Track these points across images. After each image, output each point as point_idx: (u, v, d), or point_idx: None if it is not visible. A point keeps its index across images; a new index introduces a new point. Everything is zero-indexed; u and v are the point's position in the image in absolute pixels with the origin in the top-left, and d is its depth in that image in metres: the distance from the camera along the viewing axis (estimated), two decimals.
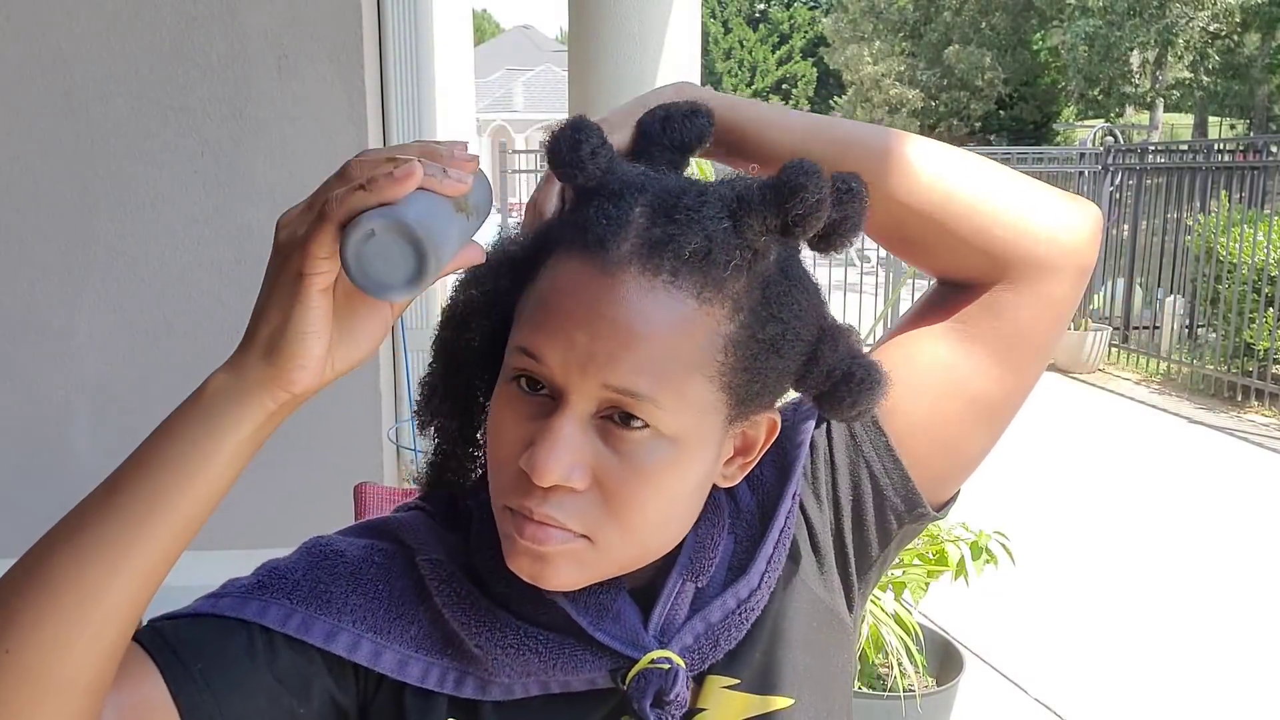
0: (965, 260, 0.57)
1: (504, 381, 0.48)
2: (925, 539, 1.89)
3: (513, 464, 0.46)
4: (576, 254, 0.46)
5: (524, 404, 0.47)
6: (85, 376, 1.91)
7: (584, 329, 0.44)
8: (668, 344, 0.44)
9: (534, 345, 0.46)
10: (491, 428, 0.48)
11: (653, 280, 0.45)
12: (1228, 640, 2.81)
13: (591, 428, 0.45)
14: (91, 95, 1.84)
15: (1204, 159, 6.16)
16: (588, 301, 0.45)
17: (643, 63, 1.90)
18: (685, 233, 0.45)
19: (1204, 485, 4.22)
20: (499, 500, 0.48)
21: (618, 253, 0.45)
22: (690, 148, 0.53)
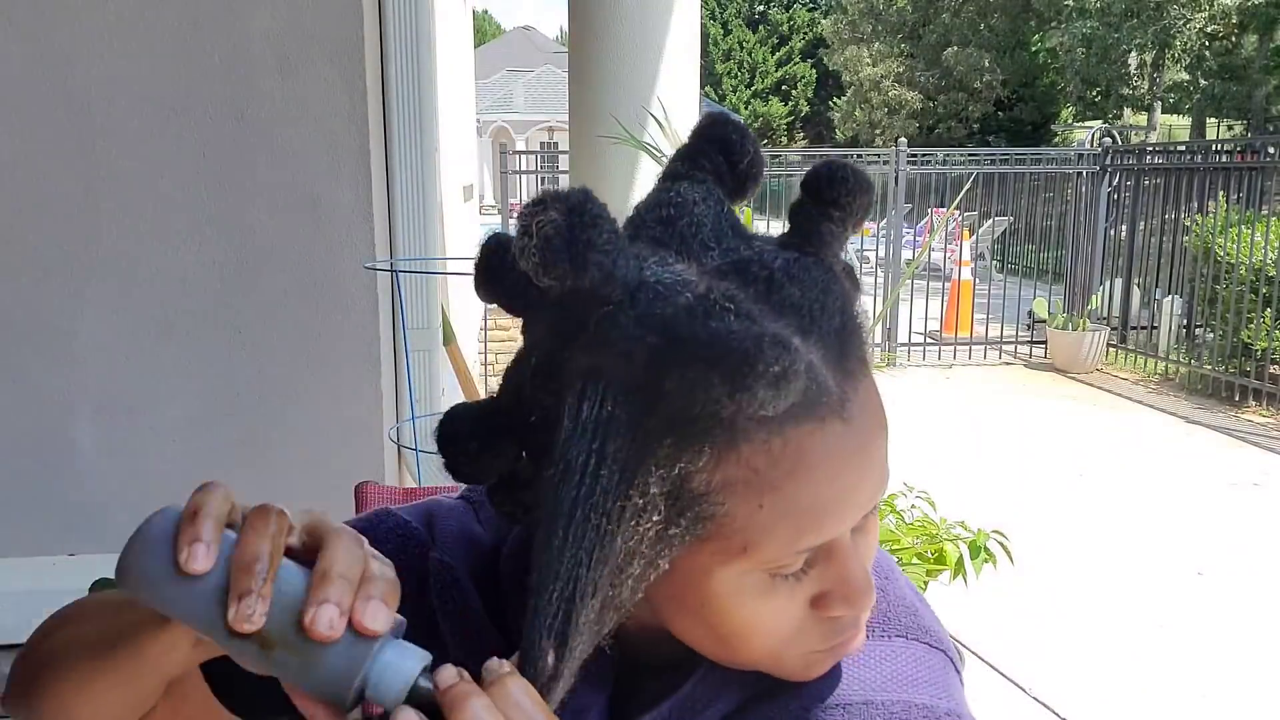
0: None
1: (745, 577, 0.39)
2: (924, 539, 1.90)
3: (804, 623, 0.41)
4: (805, 424, 0.37)
5: (787, 583, 0.41)
6: (87, 377, 1.92)
7: (864, 483, 0.39)
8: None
9: (831, 533, 0.39)
10: (753, 615, 0.40)
11: (865, 385, 0.39)
12: (1228, 640, 2.81)
13: (855, 539, 0.42)
14: (94, 97, 1.84)
15: (1202, 160, 6.17)
16: (857, 457, 0.38)
17: (643, 64, 1.91)
18: (848, 319, 0.38)
19: (1202, 485, 4.23)
20: (794, 655, 0.42)
21: (839, 394, 0.37)
22: (748, 179, 0.42)
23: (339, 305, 1.90)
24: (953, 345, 6.91)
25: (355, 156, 1.90)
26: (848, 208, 0.39)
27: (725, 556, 0.39)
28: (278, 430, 1.93)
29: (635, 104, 1.86)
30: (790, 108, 29.29)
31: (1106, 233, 6.85)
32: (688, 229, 0.39)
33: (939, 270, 8.37)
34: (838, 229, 0.39)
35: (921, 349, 6.93)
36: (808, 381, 0.35)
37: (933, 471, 3.67)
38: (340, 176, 1.90)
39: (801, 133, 29.73)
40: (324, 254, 1.91)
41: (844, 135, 24.23)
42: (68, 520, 1.94)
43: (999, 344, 7.01)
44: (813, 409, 0.36)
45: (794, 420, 0.36)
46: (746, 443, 0.36)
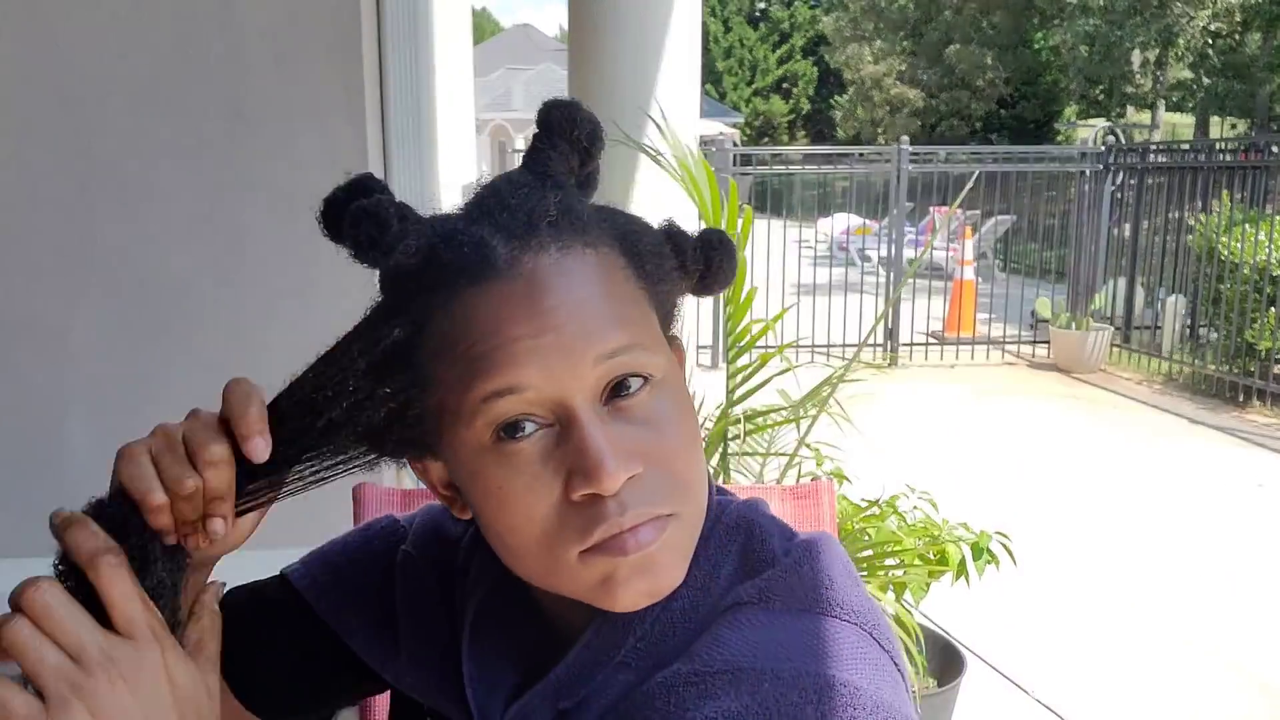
0: None
1: (482, 446, 0.44)
2: (926, 539, 1.88)
3: (561, 511, 0.44)
4: (468, 288, 0.44)
5: (525, 456, 0.44)
6: (81, 376, 1.91)
7: (546, 330, 0.43)
8: (611, 291, 0.45)
9: (507, 380, 0.43)
10: (509, 497, 0.44)
11: (553, 254, 0.44)
12: (1228, 640, 2.80)
13: (606, 418, 0.44)
14: (88, 93, 1.83)
15: (1206, 158, 6.15)
16: (524, 308, 0.43)
17: (643, 61, 1.89)
18: (534, 204, 0.45)
19: (1205, 485, 4.21)
20: (568, 554, 0.44)
21: (507, 255, 0.44)
22: (593, 154, 0.48)
23: (337, 305, 1.89)
24: (955, 345, 6.89)
25: (353, 154, 1.88)
26: (568, 140, 0.47)
27: (454, 424, 0.45)
28: None
29: (635, 101, 1.85)
30: (791, 106, 29.26)
31: (1110, 232, 6.82)
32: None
33: (941, 269, 8.36)
34: (553, 153, 0.47)
35: (924, 349, 6.91)
36: (470, 250, 0.43)
37: (935, 472, 3.66)
38: (338, 174, 1.87)
39: (803, 131, 29.70)
40: (322, 253, 1.89)
41: (845, 133, 24.21)
42: None
43: (1002, 344, 6.99)
44: (475, 268, 0.43)
45: (464, 285, 0.44)
46: (433, 312, 0.44)
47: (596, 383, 0.44)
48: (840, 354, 6.28)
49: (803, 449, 1.91)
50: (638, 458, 0.44)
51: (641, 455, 0.44)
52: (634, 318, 0.45)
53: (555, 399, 0.43)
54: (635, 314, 0.46)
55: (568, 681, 0.48)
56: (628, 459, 0.43)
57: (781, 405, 1.96)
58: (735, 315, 1.82)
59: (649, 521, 0.44)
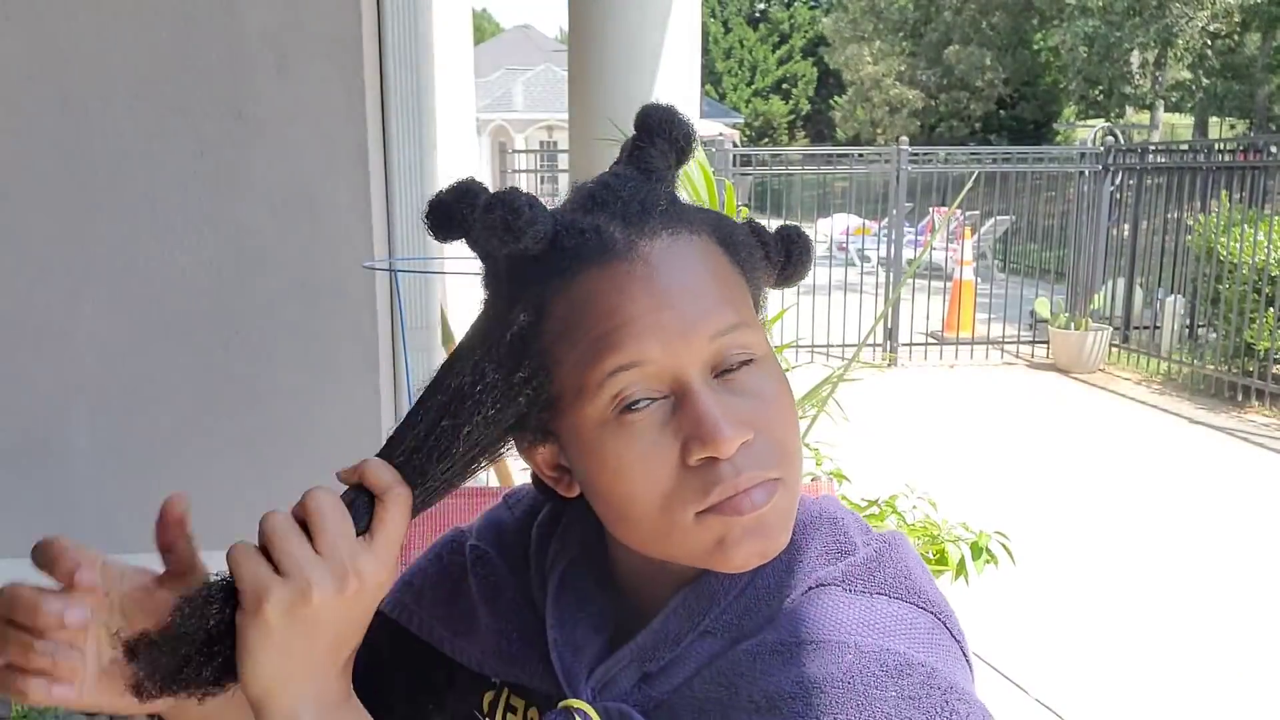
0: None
1: (603, 421, 0.46)
2: (925, 539, 1.89)
3: (680, 475, 0.46)
4: (591, 269, 0.46)
5: (642, 426, 0.46)
6: (84, 376, 1.91)
7: (663, 308, 0.46)
8: (717, 274, 0.48)
9: (629, 356, 0.45)
10: (628, 466, 0.46)
11: (665, 239, 0.47)
12: (1228, 640, 2.80)
13: (718, 389, 0.47)
14: (90, 95, 1.83)
15: (1204, 159, 6.16)
16: (643, 287, 0.46)
17: (642, 62, 1.90)
18: (645, 194, 0.48)
19: (1204, 485, 4.22)
20: (685, 516, 0.46)
21: (625, 240, 0.47)
22: (687, 153, 0.52)
23: (337, 305, 1.89)
24: (954, 345, 6.90)
25: (353, 155, 1.89)
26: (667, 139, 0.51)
27: (577, 402, 0.47)
28: (276, 430, 1.92)
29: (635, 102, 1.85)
30: (791, 106, 29.27)
31: (1109, 232, 6.83)
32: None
33: (941, 270, 8.36)
34: (653, 151, 0.51)
35: (923, 349, 6.92)
36: (591, 236, 0.46)
37: (934, 472, 3.67)
38: (338, 175, 1.89)
39: (802, 131, 29.71)
40: (322, 253, 1.90)
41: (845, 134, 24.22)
42: (64, 520, 1.93)
43: (1001, 344, 7.00)
44: (597, 256, 0.46)
45: (583, 269, 0.46)
46: (556, 296, 0.47)
47: (709, 358, 0.47)
48: (840, 354, 6.29)
49: (802, 449, 1.91)
50: (747, 425, 0.46)
51: (750, 423, 0.46)
52: (738, 299, 0.49)
53: (673, 373, 0.46)
54: (739, 296, 0.49)
55: (652, 646, 0.50)
56: (740, 425, 0.46)
57: None
58: None
59: (761, 484, 0.47)
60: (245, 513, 1.81)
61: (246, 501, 1.91)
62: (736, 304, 0.48)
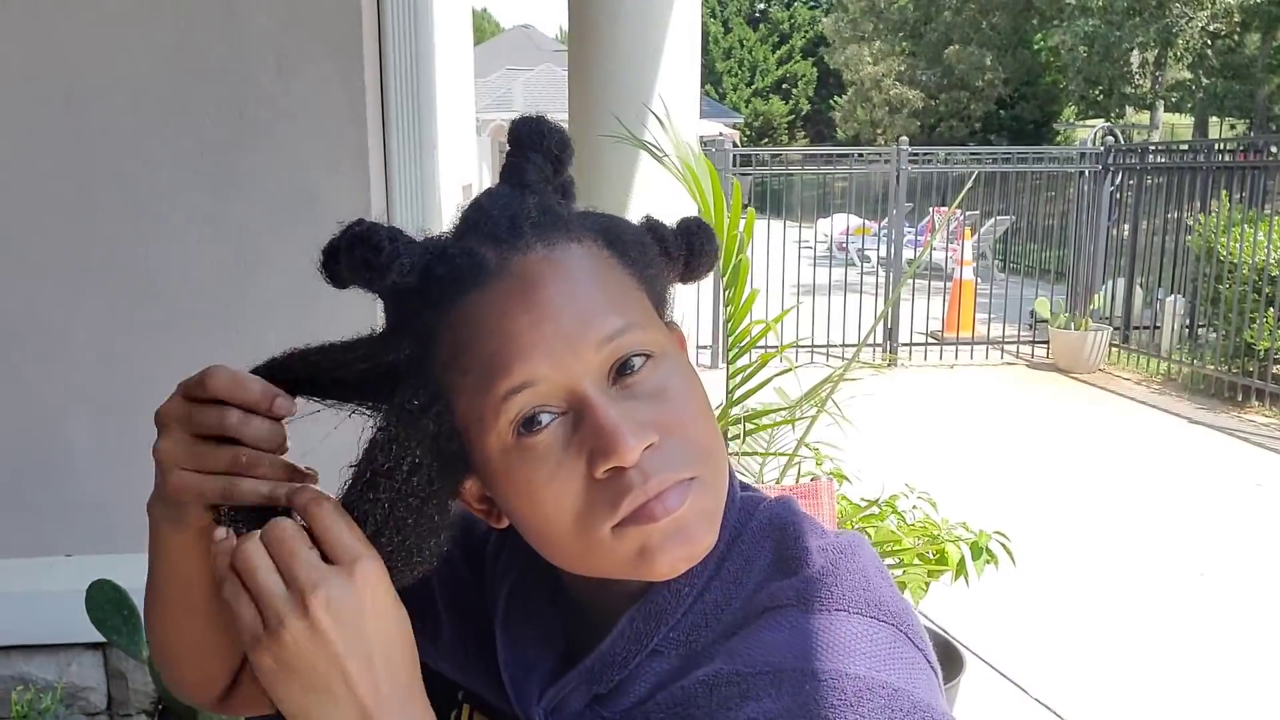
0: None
1: (506, 447, 0.46)
2: (925, 539, 1.89)
3: (588, 491, 0.45)
4: (469, 294, 0.46)
5: (545, 447, 0.45)
6: (84, 377, 1.91)
7: (543, 321, 0.45)
8: (600, 278, 0.47)
9: (519, 377, 0.45)
10: (538, 489, 0.46)
11: (540, 251, 0.47)
12: (1228, 640, 2.80)
13: (616, 396, 0.46)
14: (91, 95, 1.83)
15: (1204, 159, 6.16)
16: (519, 303, 0.45)
17: (643, 62, 1.90)
18: (515, 209, 0.47)
19: (1204, 485, 4.22)
20: (601, 532, 0.46)
21: (497, 260, 0.46)
22: (564, 161, 0.51)
23: (337, 305, 1.89)
24: (954, 345, 6.90)
25: (354, 155, 1.89)
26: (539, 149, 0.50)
27: (479, 431, 0.47)
28: None
29: (635, 102, 1.85)
30: (791, 106, 29.27)
31: (1109, 232, 6.83)
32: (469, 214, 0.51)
33: (940, 270, 8.36)
34: (527, 165, 0.50)
35: (923, 349, 6.92)
36: (462, 260, 0.45)
37: (934, 472, 3.67)
38: (339, 175, 1.89)
39: (802, 131, 29.71)
40: None
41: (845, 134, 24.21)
42: (65, 521, 1.93)
43: (1001, 344, 7.00)
44: (472, 280, 0.46)
45: (460, 294, 0.46)
46: (438, 325, 0.46)
47: (601, 365, 0.46)
48: (840, 354, 6.29)
49: (802, 449, 1.91)
50: (651, 428, 0.45)
51: (655, 425, 0.45)
52: (626, 301, 0.47)
53: (566, 386, 0.45)
54: (628, 298, 0.48)
55: (601, 668, 0.50)
56: (642, 429, 0.45)
57: (781, 405, 1.96)
58: (735, 316, 1.82)
59: (672, 487, 0.45)
60: None
61: None
62: (624, 306, 0.47)
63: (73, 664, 1.88)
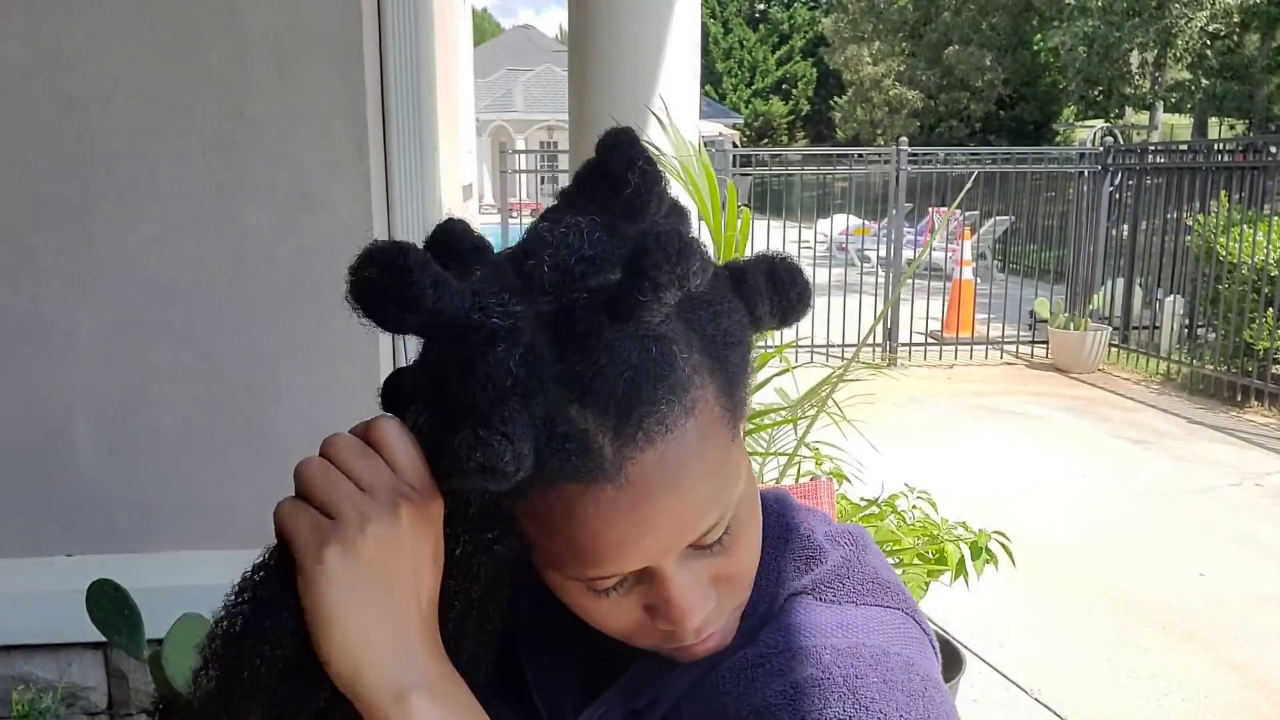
0: None
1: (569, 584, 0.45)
2: (925, 539, 1.89)
3: (640, 623, 0.46)
4: (574, 484, 0.41)
5: (610, 595, 0.46)
6: (86, 377, 1.91)
7: (646, 535, 0.42)
8: (704, 466, 0.43)
9: (606, 570, 0.43)
10: (589, 613, 0.46)
11: (659, 448, 0.41)
12: (1227, 639, 2.81)
13: (686, 557, 0.45)
14: (92, 95, 1.83)
15: (1204, 159, 6.16)
16: (627, 517, 0.42)
17: (642, 63, 1.90)
18: (641, 389, 0.40)
19: (1204, 485, 4.22)
20: (644, 644, 0.48)
21: (614, 458, 0.40)
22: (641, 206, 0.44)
23: (338, 305, 1.89)
24: (954, 345, 6.90)
25: (354, 155, 1.89)
26: (660, 281, 0.39)
27: (545, 567, 0.45)
28: (277, 431, 1.92)
29: (635, 103, 1.86)
30: (791, 107, 29.27)
31: (1108, 232, 6.83)
32: (533, 270, 0.43)
33: (940, 270, 8.36)
34: (650, 299, 0.40)
35: (923, 349, 6.92)
36: (576, 455, 0.40)
37: (933, 472, 3.67)
38: (339, 175, 1.89)
39: (802, 132, 29.72)
40: (323, 253, 1.90)
41: (845, 134, 24.22)
42: (66, 521, 1.93)
43: (1000, 344, 7.00)
44: (580, 472, 0.40)
45: (564, 479, 0.41)
46: (531, 491, 0.41)
47: (684, 548, 0.45)
48: (839, 354, 6.29)
49: (802, 449, 1.92)
50: (713, 588, 0.46)
51: (716, 580, 0.46)
52: (725, 475, 0.44)
53: (646, 566, 0.45)
54: (725, 467, 0.44)
55: (636, 687, 0.50)
56: (705, 599, 0.46)
57: (781, 405, 1.96)
58: None
59: (716, 632, 0.48)
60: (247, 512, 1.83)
61: (246, 501, 1.91)
62: (722, 488, 0.44)
63: (73, 664, 1.88)
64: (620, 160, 0.45)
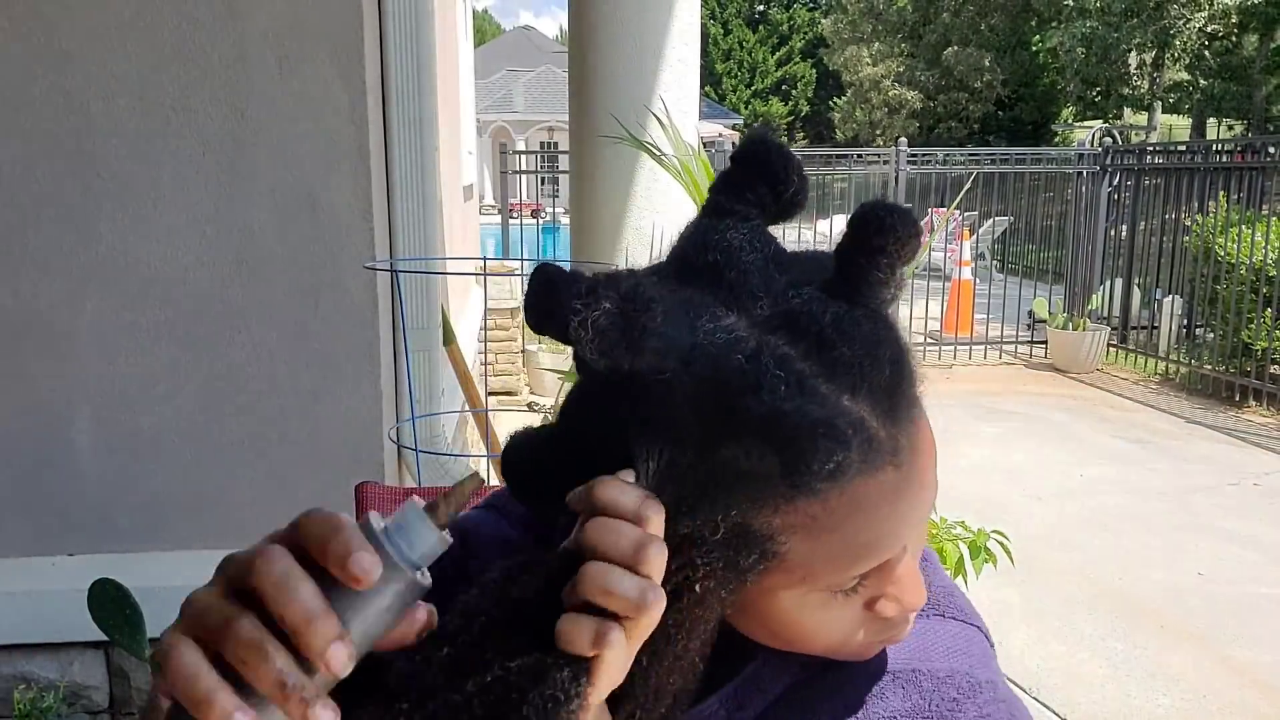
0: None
1: (804, 599, 0.42)
2: None
3: (856, 626, 0.45)
4: (855, 476, 0.38)
5: (840, 596, 0.44)
6: (87, 377, 1.92)
7: (920, 507, 0.43)
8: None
9: (877, 561, 0.42)
10: (807, 624, 0.43)
11: (917, 426, 0.41)
12: (1228, 639, 2.81)
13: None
14: (93, 95, 1.84)
15: (1202, 160, 6.17)
16: (908, 496, 0.41)
17: (643, 64, 1.91)
18: (899, 374, 0.39)
19: (1202, 485, 4.23)
20: (850, 648, 0.46)
21: (890, 444, 0.39)
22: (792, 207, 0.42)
23: (338, 305, 1.90)
24: (953, 345, 6.91)
25: (355, 155, 1.89)
26: (896, 254, 0.38)
27: (788, 584, 0.42)
28: (277, 430, 1.93)
29: (635, 103, 1.86)
30: (790, 107, 29.29)
31: (1107, 232, 6.84)
32: (737, 279, 0.40)
33: (939, 270, 8.37)
34: (886, 275, 0.39)
35: (922, 349, 6.92)
36: (859, 445, 0.36)
37: None
38: (340, 175, 1.90)
39: (802, 132, 29.73)
40: (323, 253, 1.90)
41: (844, 135, 24.23)
42: (67, 520, 1.94)
43: (999, 344, 7.01)
44: (866, 462, 0.37)
45: (852, 478, 0.37)
46: (804, 498, 0.38)
47: None
48: None
49: None
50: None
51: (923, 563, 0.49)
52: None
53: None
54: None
55: (745, 695, 0.49)
56: (923, 583, 0.46)
57: None
58: None
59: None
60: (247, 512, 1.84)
61: (248, 501, 1.91)
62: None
63: (75, 663, 1.88)
64: (781, 160, 0.42)
